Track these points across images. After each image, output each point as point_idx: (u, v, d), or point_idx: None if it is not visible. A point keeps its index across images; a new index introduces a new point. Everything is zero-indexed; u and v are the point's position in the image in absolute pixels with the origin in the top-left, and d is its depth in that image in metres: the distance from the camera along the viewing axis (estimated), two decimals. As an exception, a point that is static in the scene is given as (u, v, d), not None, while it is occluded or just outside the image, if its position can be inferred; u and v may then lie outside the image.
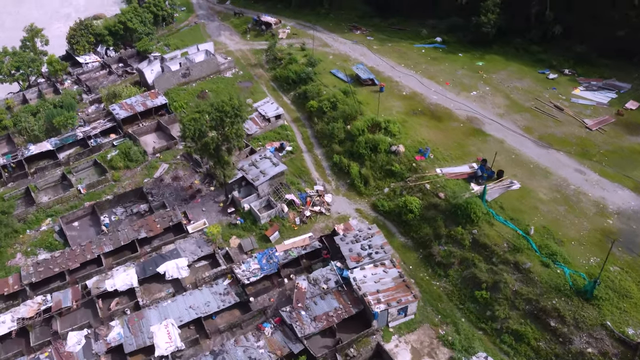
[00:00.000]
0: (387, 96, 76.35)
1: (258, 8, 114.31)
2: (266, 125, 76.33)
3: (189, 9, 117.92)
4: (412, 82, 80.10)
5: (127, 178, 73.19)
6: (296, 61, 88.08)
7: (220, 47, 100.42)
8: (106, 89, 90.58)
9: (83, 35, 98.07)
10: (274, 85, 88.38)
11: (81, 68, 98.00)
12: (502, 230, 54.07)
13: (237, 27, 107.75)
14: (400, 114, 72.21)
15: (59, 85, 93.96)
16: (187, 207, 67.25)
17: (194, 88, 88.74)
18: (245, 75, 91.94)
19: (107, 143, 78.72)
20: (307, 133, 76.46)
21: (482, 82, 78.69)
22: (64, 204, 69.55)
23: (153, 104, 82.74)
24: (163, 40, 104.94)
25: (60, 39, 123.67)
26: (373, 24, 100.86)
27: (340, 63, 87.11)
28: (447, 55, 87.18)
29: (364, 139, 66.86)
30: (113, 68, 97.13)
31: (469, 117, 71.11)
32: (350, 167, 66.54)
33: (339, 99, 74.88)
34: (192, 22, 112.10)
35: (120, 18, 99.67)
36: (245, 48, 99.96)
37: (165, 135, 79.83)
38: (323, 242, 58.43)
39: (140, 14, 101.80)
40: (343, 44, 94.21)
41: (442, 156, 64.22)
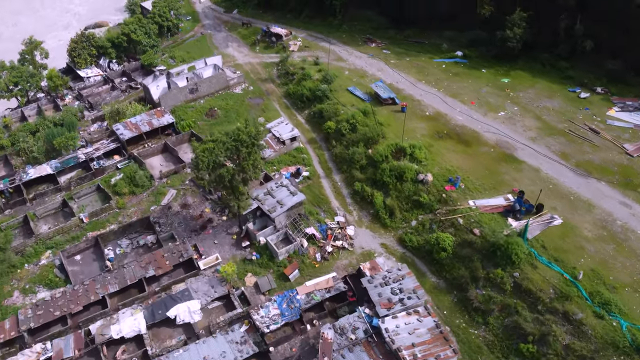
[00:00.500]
0: (409, 117, 71.26)
1: (266, 18, 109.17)
2: (281, 148, 71.20)
3: (195, 19, 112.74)
4: (435, 101, 75.02)
5: (133, 205, 68.07)
6: (310, 77, 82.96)
7: (228, 60, 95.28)
8: (109, 105, 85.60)
9: (84, 47, 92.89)
10: (286, 103, 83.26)
11: (83, 82, 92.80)
12: (546, 273, 49.02)
13: (245, 38, 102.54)
14: (425, 138, 67.14)
15: (59, 101, 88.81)
16: (198, 239, 62.19)
17: (202, 105, 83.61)
18: (255, 90, 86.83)
19: (110, 166, 73.62)
20: (325, 156, 71.34)
21: (510, 102, 73.62)
22: (65, 235, 64.39)
23: (159, 123, 77.62)
24: (168, 52, 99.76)
25: (61, 49, 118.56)
26: (388, 37, 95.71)
27: (357, 79, 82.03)
28: (470, 71, 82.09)
29: (389, 167, 61.77)
30: (116, 82, 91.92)
31: (498, 141, 66.05)
32: (373, 197, 61.46)
33: (359, 121, 69.76)
34: (198, 33, 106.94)
35: (123, 29, 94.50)
36: (254, 61, 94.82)
37: (172, 158, 74.71)
38: (348, 282, 53.36)
39: (145, 25, 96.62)
40: (358, 58, 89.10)
41: (473, 186, 59.14)
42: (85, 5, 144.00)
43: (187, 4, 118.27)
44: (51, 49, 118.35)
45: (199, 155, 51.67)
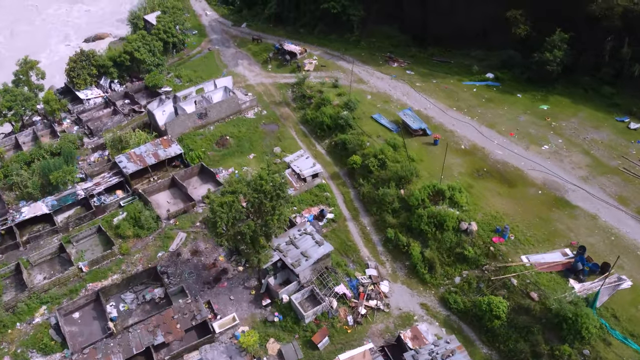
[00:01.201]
0: (443, 151, 63.92)
1: (278, 32, 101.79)
2: (301, 185, 63.83)
3: (201, 33, 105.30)
4: (470, 131, 67.76)
5: (138, 250, 60.70)
6: (329, 102, 75.61)
7: (238, 80, 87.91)
8: (111, 131, 78.27)
9: (84, 67, 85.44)
10: (304, 130, 75.91)
11: (82, 105, 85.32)
12: (623, 351, 41.81)
13: (256, 56, 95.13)
14: (463, 176, 59.85)
15: (56, 126, 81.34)
16: (211, 293, 54.89)
17: (212, 132, 76.25)
18: (269, 115, 79.48)
19: (112, 203, 66.21)
20: (350, 195, 64.01)
21: (552, 133, 66.37)
22: (62, 287, 57.02)
23: (166, 155, 70.24)
24: (174, 70, 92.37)
25: (59, 64, 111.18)
26: (411, 55, 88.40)
27: (382, 105, 74.71)
28: (504, 96, 74.80)
29: (426, 213, 54.41)
30: (118, 105, 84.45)
31: (545, 180, 58.76)
32: (409, 247, 54.09)
33: (388, 156, 62.45)
34: (205, 49, 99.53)
35: (126, 47, 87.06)
36: (267, 82, 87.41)
37: (181, 194, 67.33)
38: (387, 355, 46.05)
39: (149, 42, 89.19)
40: (380, 80, 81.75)
41: (524, 237, 51.85)
42: (85, 17, 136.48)
43: (192, 17, 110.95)
44: (48, 64, 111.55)
45: (216, 211, 44.23)
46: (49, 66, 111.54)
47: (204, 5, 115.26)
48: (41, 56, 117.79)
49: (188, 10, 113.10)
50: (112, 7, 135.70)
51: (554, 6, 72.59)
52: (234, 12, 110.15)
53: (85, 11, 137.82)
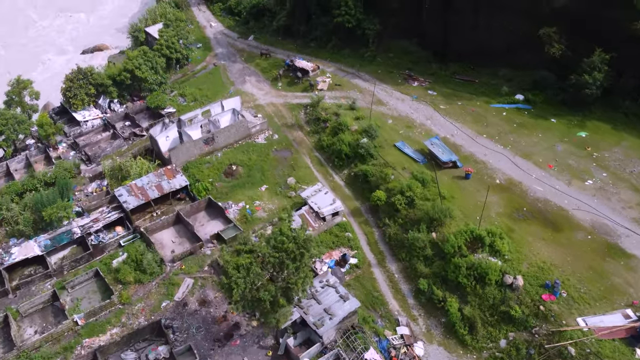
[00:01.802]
0: (476, 186, 57.80)
1: (287, 46, 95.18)
2: (320, 225, 57.38)
3: (206, 46, 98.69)
4: (503, 162, 61.37)
5: (139, 299, 54.32)
6: (347, 127, 69.16)
7: (247, 99, 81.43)
8: (110, 157, 71.94)
9: (81, 86, 78.91)
10: (319, 157, 69.50)
11: (79, 127, 78.80)
12: None
13: (265, 72, 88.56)
14: (501, 218, 53.47)
15: (51, 151, 74.85)
16: (222, 352, 48.61)
17: (220, 160, 69.84)
18: (281, 140, 73.06)
19: (112, 242, 59.81)
20: (374, 235, 57.65)
21: (595, 165, 59.97)
22: (55, 343, 50.60)
23: (170, 187, 63.83)
24: (177, 88, 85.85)
25: (55, 78, 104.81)
26: (432, 73, 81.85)
27: (404, 131, 68.29)
28: (537, 121, 68.40)
29: (464, 263, 48.01)
30: (118, 128, 77.98)
31: (594, 223, 52.38)
32: (446, 302, 47.69)
33: (417, 193, 56.05)
34: (210, 64, 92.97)
35: (126, 65, 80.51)
36: (277, 101, 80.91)
37: (186, 232, 60.91)
38: None
39: (151, 58, 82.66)
40: (401, 101, 75.28)
41: (578, 294, 45.51)
42: (83, 26, 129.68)
43: (196, 29, 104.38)
44: (42, 80, 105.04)
45: (231, 275, 37.76)
46: (43, 82, 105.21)
47: (209, 16, 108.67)
48: (36, 70, 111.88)
49: (192, 22, 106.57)
50: (111, 17, 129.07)
51: (592, 25, 66.09)
52: (240, 24, 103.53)
53: (84, 21, 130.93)
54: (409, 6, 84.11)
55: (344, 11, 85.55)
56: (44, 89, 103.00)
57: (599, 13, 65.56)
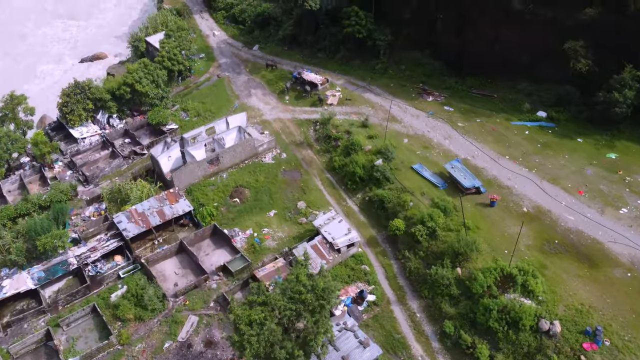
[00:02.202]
0: (501, 214, 53.57)
1: (294, 57, 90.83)
2: (334, 257, 53.07)
3: (209, 56, 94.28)
4: (529, 187, 57.09)
5: (140, 339, 50.03)
6: (360, 146, 64.92)
7: (253, 114, 77.12)
8: (108, 177, 67.80)
9: (79, 101, 74.51)
10: (331, 179, 65.23)
11: (76, 144, 74.44)
12: None
13: (271, 84, 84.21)
14: (531, 252, 49.22)
15: (46, 170, 70.48)
16: (231, 403, 44.18)
17: (226, 182, 65.55)
18: (290, 159, 68.77)
19: (110, 274, 55.54)
20: (393, 268, 53.37)
21: (629, 190, 55.71)
22: (49, 390, 46.31)
23: (172, 213, 59.51)
24: (179, 102, 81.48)
25: (51, 89, 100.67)
26: (447, 87, 77.54)
27: (422, 152, 63.98)
28: (562, 140, 64.18)
29: (495, 305, 43.71)
30: (117, 145, 73.64)
31: (633, 257, 48.14)
32: (476, 349, 43.37)
33: (439, 223, 51.73)
34: (214, 75, 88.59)
35: (126, 79, 76.12)
36: (285, 117, 76.58)
37: (190, 263, 56.61)
38: None
39: (152, 71, 78.27)
40: (415, 118, 70.96)
41: (622, 342, 41.27)
42: (82, 34, 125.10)
43: (199, 38, 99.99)
44: (40, 90, 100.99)
45: (243, 332, 33.42)
46: (40, 93, 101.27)
47: (212, 24, 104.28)
48: (33, 80, 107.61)
49: (194, 30, 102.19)
50: (111, 25, 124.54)
51: (621, 39, 61.82)
52: (245, 33, 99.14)
53: (82, 29, 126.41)
54: (422, 17, 79.81)
55: (354, 21, 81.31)
56: (40, 100, 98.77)
57: (628, 26, 61.30)
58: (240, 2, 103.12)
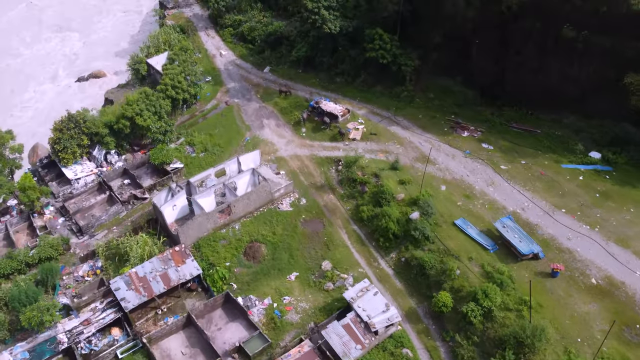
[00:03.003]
0: (566, 287, 45.26)
1: (309, 81, 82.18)
2: (371, 340, 44.52)
3: (216, 80, 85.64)
4: (594, 250, 48.69)
5: None
6: (391, 195, 56.55)
7: (266, 149, 68.76)
8: (105, 226, 59.33)
9: (72, 136, 66.02)
10: (358, 232, 56.82)
11: (70, 185, 65.99)
12: None
13: (285, 114, 75.72)
14: (609, 341, 40.75)
15: (35, 217, 62.06)
16: None
17: (238, 235, 57.26)
18: (310, 206, 60.35)
19: (106, 353, 47.08)
20: (439, 353, 44.99)
21: None
22: None
23: (179, 277, 51.12)
24: (184, 134, 72.93)
25: (44, 112, 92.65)
26: (482, 119, 69.08)
27: (464, 202, 55.53)
28: (623, 189, 55.75)
29: (578, 420, 35.19)
30: (116, 188, 65.17)
31: None
32: None
33: (495, 302, 43.25)
34: (222, 102, 79.99)
35: (125, 111, 67.61)
36: (302, 153, 68.09)
37: (200, 340, 48.13)
38: None
39: (154, 102, 69.72)
40: (451, 158, 62.54)
41: None
42: (79, 48, 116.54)
43: (205, 58, 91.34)
44: (32, 114, 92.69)
45: None
46: (31, 118, 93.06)
47: (218, 42, 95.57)
48: (26, 102, 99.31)
49: (199, 49, 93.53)
50: (109, 39, 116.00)
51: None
52: (255, 53, 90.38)
53: (79, 42, 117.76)
54: (454, 41, 71.15)
55: (377, 45, 72.66)
56: (32, 125, 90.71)
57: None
58: (249, 19, 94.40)
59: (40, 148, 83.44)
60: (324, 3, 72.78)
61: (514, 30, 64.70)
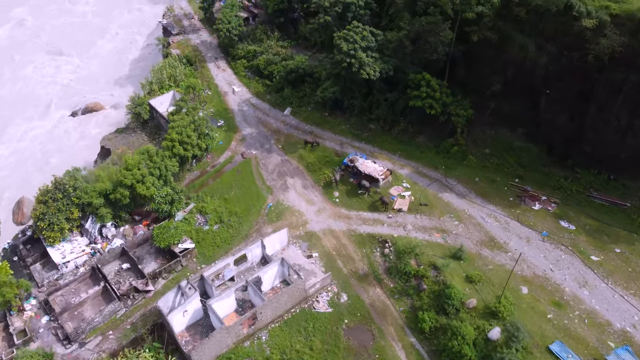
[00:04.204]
0: None
1: (337, 127, 69.74)
2: None
3: (229, 124, 73.02)
4: None
5: None
6: (459, 300, 43.91)
7: (293, 221, 56.45)
8: (99, 329, 46.70)
9: (60, 209, 53.39)
10: (418, 348, 44.46)
11: (56, 271, 53.32)
12: None
13: (313, 171, 63.22)
14: None
15: (13, 316, 49.43)
16: None
17: (266, 353, 44.45)
18: (353, 306, 48.00)
19: None
20: None
21: None
22: None
23: None
24: (194, 198, 60.32)
25: (34, 156, 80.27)
26: (554, 185, 56.73)
27: (554, 314, 43.04)
28: None
29: None
30: (112, 273, 52.57)
31: None
32: None
33: None
34: (237, 155, 67.42)
35: (124, 179, 54.93)
36: (338, 227, 55.55)
37: None
38: None
39: (158, 163, 57.03)
40: (526, 242, 50.00)
41: None
42: (74, 73, 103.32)
43: (215, 96, 78.81)
44: (14, 164, 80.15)
45: None
46: (16, 165, 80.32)
47: (230, 76, 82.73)
48: (9, 140, 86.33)
49: (209, 84, 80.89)
50: (107, 65, 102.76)
51: None
52: (272, 90, 77.65)
53: (75, 67, 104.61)
54: (517, 89, 58.61)
55: (424, 93, 59.95)
56: (19, 172, 78.01)
57: None
58: (264, 50, 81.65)
59: (26, 203, 70.91)
60: (361, 44, 59.82)
61: (599, 81, 51.97)
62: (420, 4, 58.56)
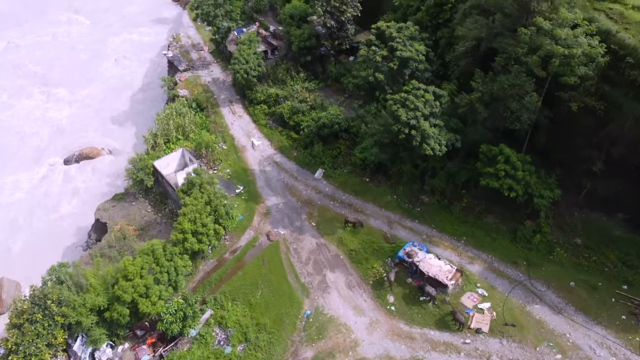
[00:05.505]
0: None
1: (382, 199, 56.87)
2: None
3: (250, 190, 59.82)
4: None
5: None
6: None
7: (337, 338, 43.73)
8: None
9: (40, 334, 40.07)
10: None
11: (35, 417, 39.98)
12: None
13: (357, 262, 50.16)
14: None
15: None
16: None
17: None
18: None
19: None
20: None
21: None
22: None
23: None
24: (210, 301, 47.09)
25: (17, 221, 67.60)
26: (676, 296, 43.10)
27: None
28: None
29: None
30: None
31: None
32: None
33: None
34: (262, 237, 54.25)
35: (123, 292, 41.53)
36: (398, 354, 42.77)
37: None
38: None
39: (167, 266, 43.63)
40: (660, 394, 36.49)
41: None
42: (66, 111, 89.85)
43: (231, 152, 65.67)
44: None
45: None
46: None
47: (248, 125, 69.08)
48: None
49: (223, 136, 67.55)
50: (104, 100, 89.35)
51: None
52: (299, 145, 64.26)
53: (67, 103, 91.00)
54: (625, 169, 45.21)
55: (502, 171, 46.47)
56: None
57: None
58: (289, 95, 68.21)
59: (5, 286, 58.40)
60: (424, 111, 46.24)
61: None
62: (500, 59, 45.04)
